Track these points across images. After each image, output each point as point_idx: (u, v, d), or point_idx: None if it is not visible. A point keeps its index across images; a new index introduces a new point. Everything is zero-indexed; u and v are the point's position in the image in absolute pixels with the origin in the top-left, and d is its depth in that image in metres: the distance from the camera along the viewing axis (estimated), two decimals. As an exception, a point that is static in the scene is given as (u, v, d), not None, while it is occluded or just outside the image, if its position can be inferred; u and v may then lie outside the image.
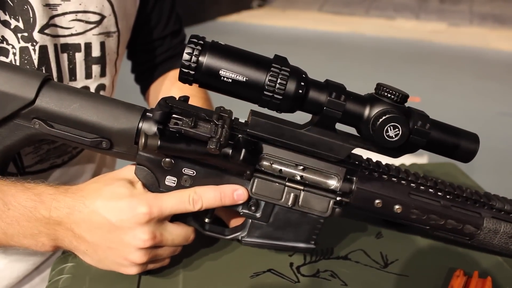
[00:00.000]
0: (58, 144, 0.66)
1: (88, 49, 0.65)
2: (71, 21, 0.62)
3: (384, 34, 6.16)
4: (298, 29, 6.32)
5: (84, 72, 0.66)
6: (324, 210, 0.54)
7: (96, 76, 0.68)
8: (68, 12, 0.61)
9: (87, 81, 0.67)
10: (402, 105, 0.50)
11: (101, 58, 0.67)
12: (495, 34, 6.31)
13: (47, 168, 0.67)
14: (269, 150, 0.52)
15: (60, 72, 0.63)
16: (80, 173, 0.75)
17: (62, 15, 0.60)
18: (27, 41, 0.58)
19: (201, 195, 0.50)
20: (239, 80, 0.46)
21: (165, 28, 0.83)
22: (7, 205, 0.48)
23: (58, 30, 0.61)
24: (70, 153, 0.70)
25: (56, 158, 0.68)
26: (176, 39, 0.86)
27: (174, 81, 0.83)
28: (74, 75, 0.65)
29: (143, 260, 0.49)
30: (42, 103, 0.48)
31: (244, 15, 7.19)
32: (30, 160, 0.64)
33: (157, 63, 0.85)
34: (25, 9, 0.56)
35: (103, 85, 0.69)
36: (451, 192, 0.57)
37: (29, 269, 0.68)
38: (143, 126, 0.49)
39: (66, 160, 0.70)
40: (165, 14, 0.82)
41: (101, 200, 0.48)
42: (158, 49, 0.84)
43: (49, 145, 0.65)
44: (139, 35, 0.80)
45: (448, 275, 0.59)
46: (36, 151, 0.64)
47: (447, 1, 7.72)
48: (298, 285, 0.55)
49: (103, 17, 0.65)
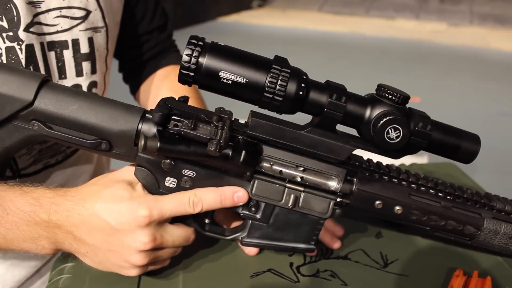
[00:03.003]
0: (50, 143, 0.65)
1: (76, 46, 0.64)
2: (56, 18, 0.61)
3: (384, 34, 6.16)
4: (298, 29, 6.32)
5: (74, 69, 0.65)
6: (325, 211, 0.54)
7: (87, 74, 0.67)
8: (52, 9, 0.60)
9: (79, 79, 0.66)
10: (403, 107, 0.49)
11: (90, 54, 0.66)
12: (495, 34, 6.31)
13: (41, 169, 0.67)
14: (270, 151, 0.52)
15: (49, 71, 0.62)
16: (78, 174, 0.74)
17: (46, 12, 0.59)
18: (12, 41, 0.57)
19: (201, 198, 0.50)
20: (239, 81, 0.46)
21: (150, 23, 0.82)
22: (6, 210, 0.48)
23: (43, 28, 0.60)
24: (63, 153, 0.69)
25: (49, 158, 0.67)
26: (162, 34, 0.85)
27: (164, 80, 0.82)
28: (63, 73, 0.64)
29: (143, 262, 0.49)
30: (41, 104, 0.47)
31: (244, 15, 7.19)
32: (25, 162, 0.63)
33: (145, 59, 0.84)
34: (8, 8, 0.56)
35: (94, 82, 0.69)
36: (452, 193, 0.57)
37: (30, 272, 0.68)
38: (142, 128, 0.48)
39: (60, 160, 0.69)
40: (150, 8, 0.81)
41: (101, 203, 0.48)
42: (145, 44, 0.83)
43: (41, 145, 0.64)
44: (125, 31, 0.79)
45: (448, 275, 0.59)
46: (29, 152, 0.63)
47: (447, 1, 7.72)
48: (298, 285, 0.55)
49: (89, 12, 0.64)
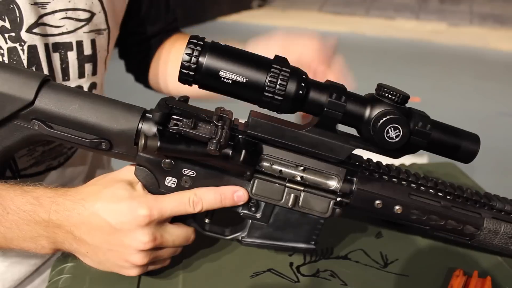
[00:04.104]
0: (53, 145, 0.65)
1: (80, 48, 0.64)
2: (61, 19, 0.61)
3: (384, 34, 6.15)
4: (298, 29, 6.31)
5: (77, 71, 0.65)
6: (324, 211, 0.54)
7: (88, 75, 0.67)
8: (58, 10, 0.60)
9: (81, 81, 0.66)
10: (403, 106, 0.49)
11: (92, 56, 0.66)
12: (495, 34, 6.30)
13: (43, 171, 0.66)
14: (269, 150, 0.52)
15: (53, 72, 0.62)
16: (76, 175, 0.74)
17: (51, 14, 0.59)
18: (14, 41, 0.57)
19: (201, 197, 0.50)
20: (239, 81, 0.46)
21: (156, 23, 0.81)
22: (6, 209, 0.48)
23: (48, 29, 0.60)
24: (65, 154, 0.69)
25: (52, 160, 0.67)
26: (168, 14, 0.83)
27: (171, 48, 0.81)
28: (67, 75, 0.64)
29: (143, 262, 0.49)
30: (41, 104, 0.47)
31: (244, 15, 7.18)
32: (25, 163, 0.63)
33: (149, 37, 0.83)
34: (11, 9, 0.55)
35: (94, 84, 0.69)
36: (452, 193, 0.57)
37: (30, 270, 0.68)
38: (142, 127, 0.48)
39: (62, 162, 0.69)
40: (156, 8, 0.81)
41: (101, 203, 0.48)
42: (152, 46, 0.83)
43: (44, 147, 0.64)
44: (130, 33, 0.79)
45: (448, 274, 0.59)
46: (31, 153, 0.63)
47: (447, 1, 7.71)
48: (298, 285, 0.55)
49: (93, 14, 0.64)
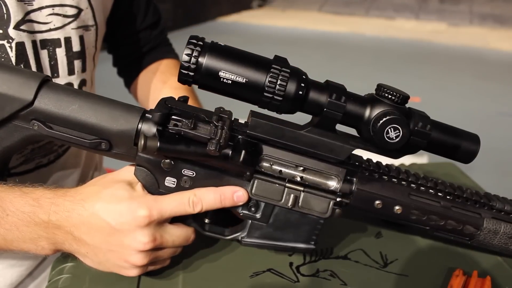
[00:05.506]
0: (43, 143, 0.64)
1: (69, 44, 0.64)
2: (48, 16, 0.60)
3: (384, 34, 6.16)
4: (298, 29, 6.32)
5: (67, 68, 0.65)
6: (324, 211, 0.54)
7: (78, 72, 0.66)
8: (45, 7, 0.59)
9: (71, 78, 0.66)
10: (402, 106, 0.49)
11: (81, 53, 0.66)
12: (495, 34, 6.31)
13: (33, 169, 0.66)
14: (269, 151, 0.52)
15: (41, 69, 0.61)
16: (68, 174, 0.73)
17: (38, 10, 0.59)
18: (2, 39, 0.56)
19: (201, 197, 0.50)
20: (239, 81, 0.46)
21: (143, 21, 0.83)
22: (6, 211, 0.48)
23: (35, 26, 0.59)
24: (56, 152, 0.68)
25: (41, 158, 0.66)
26: (155, 31, 0.86)
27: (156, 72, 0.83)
28: (56, 72, 0.64)
29: (143, 262, 0.49)
30: (41, 104, 0.47)
31: (244, 15, 7.19)
32: (15, 161, 0.63)
33: (140, 55, 0.85)
34: None
35: (84, 81, 0.69)
36: (451, 193, 0.57)
37: (23, 275, 0.68)
38: (142, 127, 0.48)
39: (52, 159, 0.68)
40: (143, 7, 0.82)
41: (101, 203, 0.48)
42: (139, 41, 0.84)
43: (33, 144, 0.63)
44: (119, 28, 0.80)
45: (448, 274, 0.59)
46: (21, 151, 0.62)
47: (447, 1, 7.72)
48: (297, 284, 0.55)
49: (80, 10, 0.64)
